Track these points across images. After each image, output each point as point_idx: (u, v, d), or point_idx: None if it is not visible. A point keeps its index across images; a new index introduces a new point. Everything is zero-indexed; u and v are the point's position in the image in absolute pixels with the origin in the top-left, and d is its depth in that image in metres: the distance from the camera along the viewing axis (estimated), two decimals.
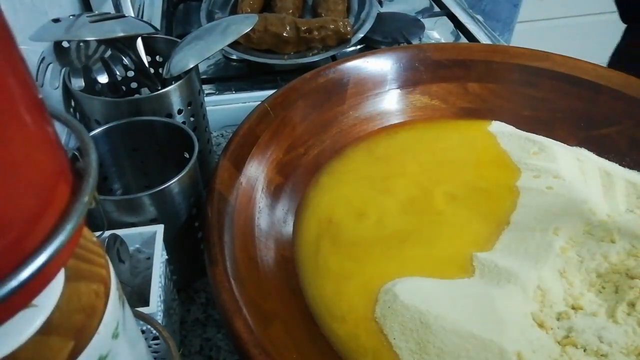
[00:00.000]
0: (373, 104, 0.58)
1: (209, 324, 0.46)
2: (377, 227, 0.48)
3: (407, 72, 0.59)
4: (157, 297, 0.35)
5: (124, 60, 0.51)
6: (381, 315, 0.40)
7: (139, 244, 0.40)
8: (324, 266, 0.44)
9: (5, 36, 0.16)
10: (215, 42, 0.48)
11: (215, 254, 0.37)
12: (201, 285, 0.49)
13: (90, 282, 0.22)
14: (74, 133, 0.22)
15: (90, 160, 0.20)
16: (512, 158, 0.54)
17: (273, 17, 0.76)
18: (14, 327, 0.19)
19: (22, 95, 0.17)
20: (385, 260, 0.45)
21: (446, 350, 0.37)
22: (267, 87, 0.72)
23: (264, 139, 0.48)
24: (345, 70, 0.56)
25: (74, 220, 0.18)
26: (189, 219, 0.43)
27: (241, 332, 0.33)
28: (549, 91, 0.57)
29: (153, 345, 0.37)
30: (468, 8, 0.94)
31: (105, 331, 0.22)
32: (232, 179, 0.43)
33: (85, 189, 0.19)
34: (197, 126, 0.51)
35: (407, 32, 0.81)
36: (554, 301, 0.40)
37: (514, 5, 1.27)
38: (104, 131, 0.44)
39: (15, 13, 0.51)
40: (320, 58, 0.75)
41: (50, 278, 0.19)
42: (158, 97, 0.46)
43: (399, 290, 0.41)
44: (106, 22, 0.46)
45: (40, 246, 0.17)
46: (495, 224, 0.47)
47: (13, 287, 0.16)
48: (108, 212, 0.39)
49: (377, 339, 0.39)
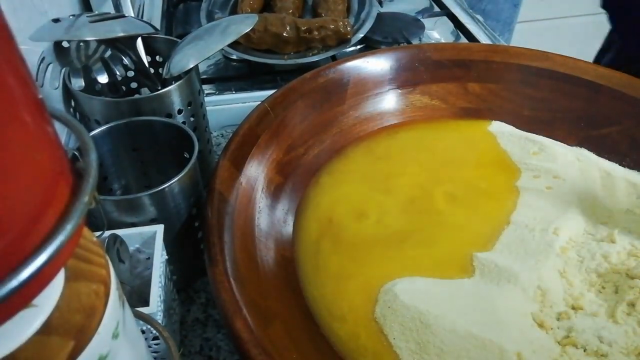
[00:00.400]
0: (373, 104, 0.58)
1: (209, 324, 0.46)
2: (377, 227, 0.48)
3: (407, 72, 0.58)
4: (157, 297, 0.35)
5: (124, 60, 0.51)
6: (381, 315, 0.40)
7: (139, 244, 0.40)
8: (324, 266, 0.44)
9: (5, 36, 0.16)
10: (215, 42, 0.47)
11: (215, 254, 0.37)
12: (201, 285, 0.49)
13: (90, 282, 0.22)
14: (74, 133, 0.22)
15: (90, 160, 0.20)
16: (512, 158, 0.54)
17: (273, 17, 0.76)
18: (13, 327, 0.19)
19: (22, 95, 0.17)
20: (386, 260, 0.45)
21: (446, 350, 0.37)
22: (267, 87, 0.72)
23: (264, 139, 0.48)
24: (345, 70, 0.56)
25: (74, 220, 0.18)
26: (189, 219, 0.43)
27: (241, 332, 0.33)
28: (548, 91, 0.57)
29: (153, 345, 0.37)
30: (468, 8, 0.94)
31: (105, 331, 0.22)
32: (232, 179, 0.43)
33: (85, 189, 0.19)
34: (197, 126, 0.51)
35: (407, 32, 0.81)
36: (554, 301, 0.40)
37: (514, 5, 1.27)
38: (104, 131, 0.44)
39: (15, 13, 0.51)
40: (320, 58, 0.75)
41: (50, 278, 0.19)
42: (158, 97, 0.45)
43: (399, 290, 0.41)
44: (106, 22, 0.46)
45: (40, 246, 0.17)
46: (496, 224, 0.47)
47: (13, 287, 0.16)
48: (108, 212, 0.39)
49: (377, 339, 0.39)
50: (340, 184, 0.52)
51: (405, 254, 0.45)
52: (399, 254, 0.45)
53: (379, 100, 0.58)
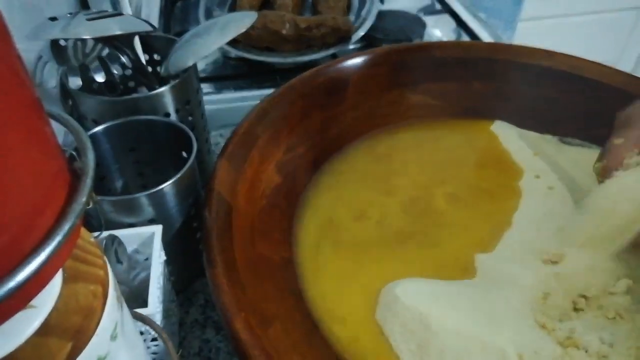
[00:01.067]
0: (373, 103, 0.58)
1: (208, 325, 0.46)
2: (377, 228, 0.47)
3: (408, 70, 0.58)
4: (155, 298, 0.35)
5: (122, 59, 0.51)
6: (382, 316, 0.40)
7: (137, 245, 0.39)
8: (324, 267, 0.44)
9: (2, 34, 0.16)
10: (214, 40, 0.47)
11: (214, 255, 0.37)
12: (200, 286, 0.49)
13: (88, 283, 0.22)
14: (71, 132, 0.22)
15: (87, 160, 0.20)
16: (514, 158, 0.54)
17: (272, 14, 0.76)
18: (11, 329, 0.19)
19: (19, 94, 0.17)
20: (386, 261, 0.44)
21: (447, 351, 0.36)
22: (266, 86, 0.71)
23: (263, 138, 0.48)
24: (345, 69, 0.56)
25: (71, 220, 0.18)
26: (187, 219, 0.43)
27: (240, 334, 0.32)
28: (552, 90, 0.57)
29: (152, 346, 0.36)
30: (470, 6, 0.94)
31: (103, 332, 0.22)
32: (231, 179, 0.43)
33: (83, 189, 0.19)
34: (196, 125, 0.50)
35: (409, 30, 0.81)
36: (555, 302, 0.40)
37: (517, 3, 1.27)
38: (102, 130, 0.44)
39: (12, 11, 0.51)
40: (320, 56, 0.75)
41: (48, 279, 0.19)
42: (156, 96, 0.45)
43: (400, 291, 0.40)
44: (103, 20, 0.46)
45: (38, 247, 0.17)
46: (497, 224, 0.47)
47: (11, 288, 0.16)
48: (106, 212, 0.39)
49: (378, 341, 0.39)
50: (340, 184, 0.52)
51: (406, 255, 0.45)
52: (400, 255, 0.45)
53: (379, 99, 0.58)
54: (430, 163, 0.54)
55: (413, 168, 0.53)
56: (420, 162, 0.54)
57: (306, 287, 0.43)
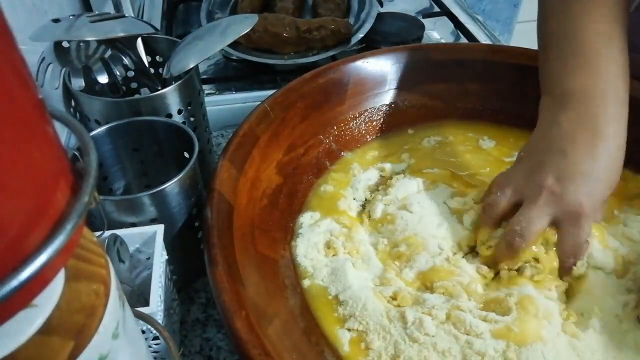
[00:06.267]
0: (373, 104, 0.58)
1: (209, 324, 0.46)
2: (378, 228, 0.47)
3: (407, 72, 0.58)
4: (157, 297, 0.35)
5: (124, 61, 0.51)
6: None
7: (139, 244, 0.40)
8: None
9: (5, 36, 0.16)
10: (215, 42, 0.47)
11: (215, 254, 0.37)
12: (201, 285, 0.49)
13: (90, 282, 0.22)
14: (74, 133, 0.22)
15: (90, 160, 0.20)
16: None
17: (273, 17, 0.76)
18: (14, 327, 0.19)
19: (22, 95, 0.17)
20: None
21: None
22: (267, 87, 0.72)
23: (263, 139, 0.48)
24: (345, 71, 0.56)
25: (73, 220, 0.18)
26: (189, 219, 0.43)
27: (241, 333, 0.33)
28: None
29: (153, 345, 0.37)
30: (468, 8, 0.94)
31: (105, 331, 0.22)
32: (232, 179, 0.43)
33: (85, 188, 0.19)
34: (197, 126, 0.51)
35: (407, 32, 0.81)
36: None
37: (514, 5, 1.27)
38: (104, 131, 0.44)
39: (15, 13, 0.51)
40: (320, 58, 0.75)
41: (50, 278, 0.19)
42: (158, 97, 0.45)
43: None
44: (106, 22, 0.47)
45: (40, 246, 0.17)
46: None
47: (13, 287, 0.16)
48: (108, 212, 0.39)
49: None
50: (340, 185, 0.52)
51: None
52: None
53: (378, 100, 0.58)
54: (431, 164, 0.54)
55: (412, 168, 0.54)
56: (420, 163, 0.54)
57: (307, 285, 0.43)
